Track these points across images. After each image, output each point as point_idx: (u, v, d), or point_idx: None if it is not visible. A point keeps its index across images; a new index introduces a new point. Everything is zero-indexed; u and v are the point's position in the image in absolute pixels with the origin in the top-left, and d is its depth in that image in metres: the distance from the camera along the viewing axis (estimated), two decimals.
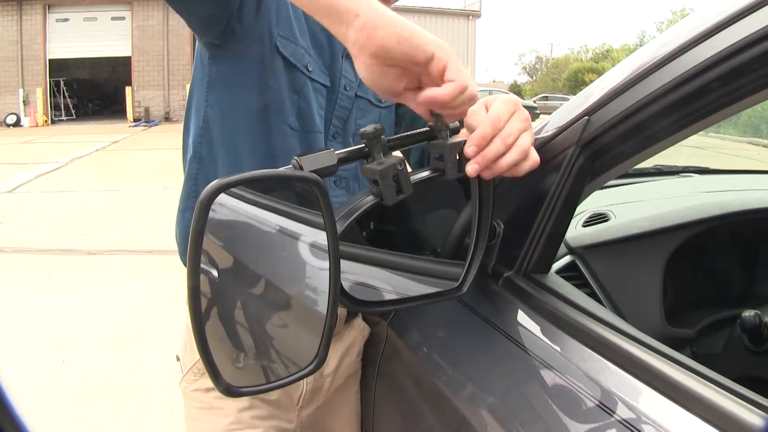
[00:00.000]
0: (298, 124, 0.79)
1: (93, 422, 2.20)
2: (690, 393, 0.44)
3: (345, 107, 0.84)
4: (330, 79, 0.82)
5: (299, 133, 0.80)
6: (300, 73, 0.78)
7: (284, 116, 0.78)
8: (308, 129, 0.80)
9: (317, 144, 0.81)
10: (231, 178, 0.47)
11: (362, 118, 0.86)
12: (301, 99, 0.79)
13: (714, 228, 1.02)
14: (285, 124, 0.78)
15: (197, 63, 0.81)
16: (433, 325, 0.81)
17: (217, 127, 0.79)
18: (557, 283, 0.68)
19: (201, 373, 0.84)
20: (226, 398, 0.82)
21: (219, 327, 0.52)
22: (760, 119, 2.05)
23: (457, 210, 0.72)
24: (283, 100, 0.78)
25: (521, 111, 0.60)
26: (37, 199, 6.57)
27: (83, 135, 13.80)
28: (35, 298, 3.45)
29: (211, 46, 0.77)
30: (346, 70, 0.84)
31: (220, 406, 0.82)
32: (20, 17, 17.74)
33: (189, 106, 0.83)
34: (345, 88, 0.84)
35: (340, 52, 0.83)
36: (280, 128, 0.78)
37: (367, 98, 0.86)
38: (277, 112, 0.78)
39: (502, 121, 0.58)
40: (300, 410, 0.88)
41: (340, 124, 0.85)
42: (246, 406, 0.82)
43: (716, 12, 0.49)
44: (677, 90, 0.51)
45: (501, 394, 0.62)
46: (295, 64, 0.78)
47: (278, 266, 0.58)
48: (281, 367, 0.55)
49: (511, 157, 0.58)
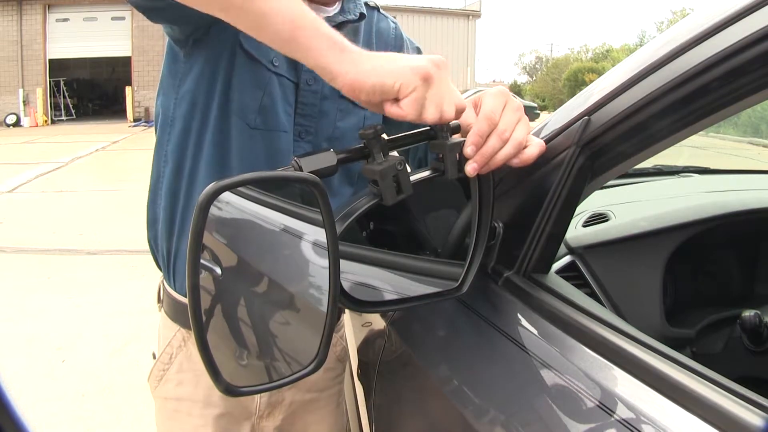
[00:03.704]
0: (261, 122, 0.77)
1: (93, 422, 2.20)
2: (690, 393, 0.44)
3: (311, 104, 0.80)
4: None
5: (262, 131, 0.77)
6: (264, 69, 0.76)
7: (244, 114, 0.76)
8: (272, 128, 0.77)
9: (282, 144, 0.78)
10: (229, 180, 0.47)
11: (343, 120, 0.82)
12: (266, 96, 0.76)
13: (714, 228, 1.02)
14: (244, 122, 0.76)
15: (168, 54, 0.80)
16: (433, 325, 0.81)
17: (181, 124, 0.78)
18: (557, 283, 0.68)
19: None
20: (186, 401, 0.85)
21: (218, 326, 0.52)
22: (760, 119, 2.05)
23: (457, 210, 0.72)
24: (245, 97, 0.75)
25: (512, 101, 0.60)
26: (37, 199, 6.57)
27: (83, 135, 13.80)
28: (35, 298, 3.44)
29: (180, 42, 0.76)
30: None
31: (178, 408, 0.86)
32: (20, 17, 17.72)
33: (157, 97, 0.82)
34: (308, 83, 0.79)
35: None
36: (240, 126, 0.76)
37: (350, 99, 0.84)
38: (238, 109, 0.76)
39: (497, 115, 0.58)
40: (260, 420, 0.87)
41: (308, 122, 0.80)
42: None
43: (716, 12, 0.49)
44: (677, 90, 0.51)
45: (501, 394, 0.62)
46: (259, 59, 0.75)
47: (278, 264, 0.58)
48: (282, 367, 0.55)
49: (507, 151, 0.58)
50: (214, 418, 0.84)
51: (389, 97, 0.55)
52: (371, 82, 0.54)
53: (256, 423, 0.87)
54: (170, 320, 0.86)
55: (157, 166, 0.82)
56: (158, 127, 0.82)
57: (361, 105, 0.57)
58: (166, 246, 0.82)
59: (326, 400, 0.94)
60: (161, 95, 0.81)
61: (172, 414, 0.86)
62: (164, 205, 0.81)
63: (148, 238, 0.86)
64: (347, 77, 0.54)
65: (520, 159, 0.61)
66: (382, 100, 0.55)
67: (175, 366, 0.85)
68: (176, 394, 0.85)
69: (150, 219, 0.84)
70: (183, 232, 0.80)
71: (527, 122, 0.61)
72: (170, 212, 0.80)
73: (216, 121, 0.76)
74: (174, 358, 0.85)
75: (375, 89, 0.54)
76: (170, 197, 0.80)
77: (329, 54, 0.55)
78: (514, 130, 0.59)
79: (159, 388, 0.87)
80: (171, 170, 0.79)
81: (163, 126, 0.80)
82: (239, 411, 0.86)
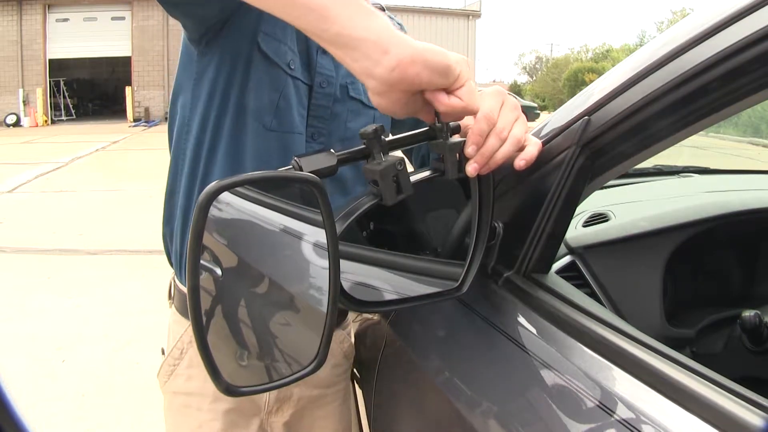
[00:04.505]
0: (276, 124, 0.77)
1: (93, 422, 2.20)
2: (690, 393, 0.44)
3: (323, 106, 0.80)
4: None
5: (276, 133, 0.77)
6: (281, 72, 0.76)
7: (260, 115, 0.76)
8: (287, 129, 0.78)
9: (296, 145, 0.78)
10: (230, 180, 0.47)
11: (353, 121, 0.83)
12: (282, 98, 0.76)
13: (714, 228, 1.02)
14: (260, 124, 0.77)
15: (183, 54, 0.80)
16: (433, 325, 0.81)
17: (198, 123, 0.78)
18: (557, 283, 0.68)
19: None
20: (196, 396, 0.85)
21: (218, 326, 0.52)
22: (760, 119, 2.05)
23: (457, 210, 0.72)
24: (261, 98, 0.76)
25: (509, 100, 0.60)
26: (37, 199, 6.57)
27: (83, 135, 13.80)
28: (35, 298, 3.45)
29: (194, 42, 0.76)
30: (322, 66, 0.80)
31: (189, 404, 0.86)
32: (20, 17, 17.73)
33: (175, 96, 0.82)
34: (321, 86, 0.80)
35: (314, 47, 0.80)
36: (255, 128, 0.77)
37: (360, 99, 0.84)
38: (254, 111, 0.76)
39: (495, 114, 0.58)
40: (268, 416, 0.88)
41: (321, 124, 0.81)
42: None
43: (716, 12, 0.49)
44: (677, 90, 0.51)
45: (501, 394, 0.62)
46: (277, 62, 0.75)
47: (278, 265, 0.58)
48: (282, 367, 0.55)
49: (506, 149, 0.58)
50: (223, 413, 0.84)
51: (448, 82, 0.51)
52: (436, 60, 0.50)
53: (264, 419, 0.88)
54: (181, 316, 0.87)
55: (174, 163, 0.83)
56: (176, 126, 0.82)
57: (387, 100, 0.51)
58: (180, 243, 0.83)
59: (333, 395, 0.94)
60: (180, 95, 0.81)
61: (181, 409, 0.87)
62: (181, 204, 0.82)
63: (163, 234, 0.86)
64: (406, 52, 0.48)
65: (522, 158, 0.60)
66: (433, 88, 0.51)
67: (185, 361, 0.86)
68: (186, 389, 0.86)
69: (166, 216, 0.85)
70: None
71: (525, 120, 0.61)
72: (186, 210, 0.81)
73: (232, 122, 0.77)
74: (185, 354, 0.86)
75: (437, 68, 0.50)
76: (186, 196, 0.81)
77: (372, 23, 0.49)
78: (512, 129, 0.59)
79: (169, 383, 0.87)
80: (188, 169, 0.80)
81: (181, 125, 0.81)
82: (248, 406, 0.86)
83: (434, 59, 0.50)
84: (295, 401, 0.89)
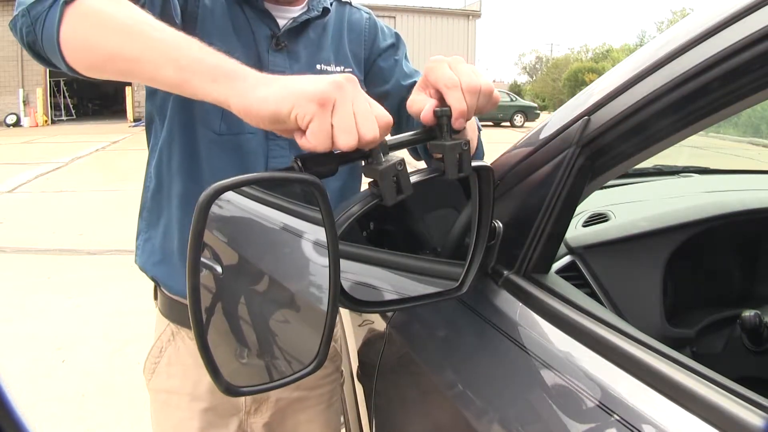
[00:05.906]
0: (226, 127, 0.77)
1: (93, 422, 2.20)
2: (690, 393, 0.44)
3: None
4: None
5: (228, 137, 0.77)
6: None
7: (209, 122, 0.77)
8: (237, 131, 0.77)
9: (252, 146, 0.78)
10: (229, 181, 0.47)
11: None
12: None
13: (714, 228, 1.02)
14: (210, 130, 0.77)
15: None
16: (433, 325, 0.81)
17: (153, 137, 0.83)
18: (557, 283, 0.68)
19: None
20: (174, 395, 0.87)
21: (218, 325, 0.52)
22: (760, 119, 2.05)
23: (457, 210, 0.72)
24: (204, 104, 0.75)
25: (451, 59, 0.58)
26: (37, 199, 6.57)
27: (83, 135, 13.80)
28: (35, 298, 3.44)
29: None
30: (275, 63, 0.79)
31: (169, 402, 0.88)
32: None
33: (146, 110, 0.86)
34: None
35: (264, 47, 0.79)
36: (205, 134, 0.78)
37: None
38: (201, 119, 0.77)
39: (454, 78, 0.56)
40: (248, 416, 0.89)
41: None
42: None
43: (716, 12, 0.49)
44: (677, 90, 0.51)
45: (501, 394, 0.62)
46: None
47: (278, 263, 0.58)
48: (282, 366, 0.55)
49: (482, 102, 0.56)
50: (200, 412, 0.85)
51: (290, 127, 0.49)
52: (268, 111, 0.49)
53: (243, 419, 0.89)
54: (162, 315, 0.90)
55: (145, 179, 0.88)
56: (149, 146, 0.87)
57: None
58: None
59: (316, 399, 0.94)
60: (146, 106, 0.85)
61: (162, 406, 0.89)
62: (145, 218, 0.88)
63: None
64: (238, 107, 0.50)
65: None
66: (285, 130, 0.50)
67: (165, 359, 0.88)
68: (166, 387, 0.88)
69: (140, 226, 0.91)
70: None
71: (474, 67, 0.59)
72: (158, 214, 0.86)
73: (181, 132, 0.79)
74: (164, 352, 0.88)
75: (271, 119, 0.49)
76: (153, 211, 0.87)
77: (217, 87, 0.51)
78: (479, 77, 0.56)
79: (152, 380, 0.90)
80: (154, 186, 0.85)
81: (152, 146, 0.86)
82: (225, 406, 0.87)
83: (260, 109, 0.49)
84: (274, 402, 0.90)
